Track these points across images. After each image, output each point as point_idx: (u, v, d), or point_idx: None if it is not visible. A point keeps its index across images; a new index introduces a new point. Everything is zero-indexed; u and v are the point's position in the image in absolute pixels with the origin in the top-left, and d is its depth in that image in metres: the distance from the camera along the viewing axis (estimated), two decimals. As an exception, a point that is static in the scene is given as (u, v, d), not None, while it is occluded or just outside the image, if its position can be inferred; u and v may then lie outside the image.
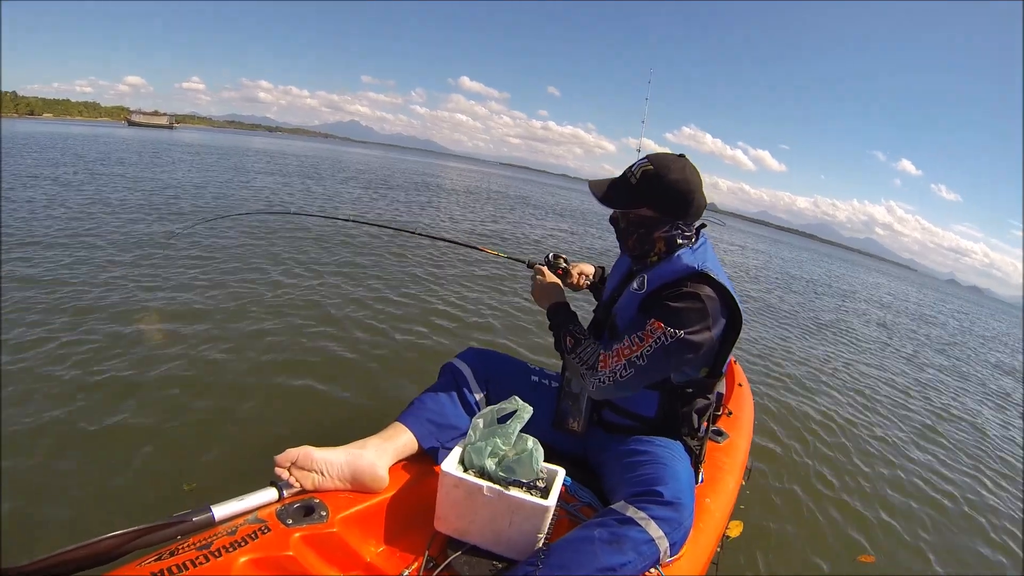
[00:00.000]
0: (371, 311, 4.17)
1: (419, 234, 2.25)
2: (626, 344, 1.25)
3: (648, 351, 1.23)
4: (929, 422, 4.50)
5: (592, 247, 10.47)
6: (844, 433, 3.62)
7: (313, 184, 13.52)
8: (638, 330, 1.25)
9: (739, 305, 1.29)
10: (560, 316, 1.47)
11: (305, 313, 3.87)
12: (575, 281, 1.83)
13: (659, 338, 1.22)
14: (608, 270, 1.82)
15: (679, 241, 1.35)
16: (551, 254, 1.84)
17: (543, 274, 1.62)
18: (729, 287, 1.28)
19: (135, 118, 53.05)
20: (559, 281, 1.60)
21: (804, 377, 4.75)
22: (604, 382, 1.28)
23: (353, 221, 3.91)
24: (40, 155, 12.50)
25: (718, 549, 1.48)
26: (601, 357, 1.29)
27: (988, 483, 3.45)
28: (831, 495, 2.73)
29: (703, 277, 1.28)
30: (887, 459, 3.40)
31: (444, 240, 2.34)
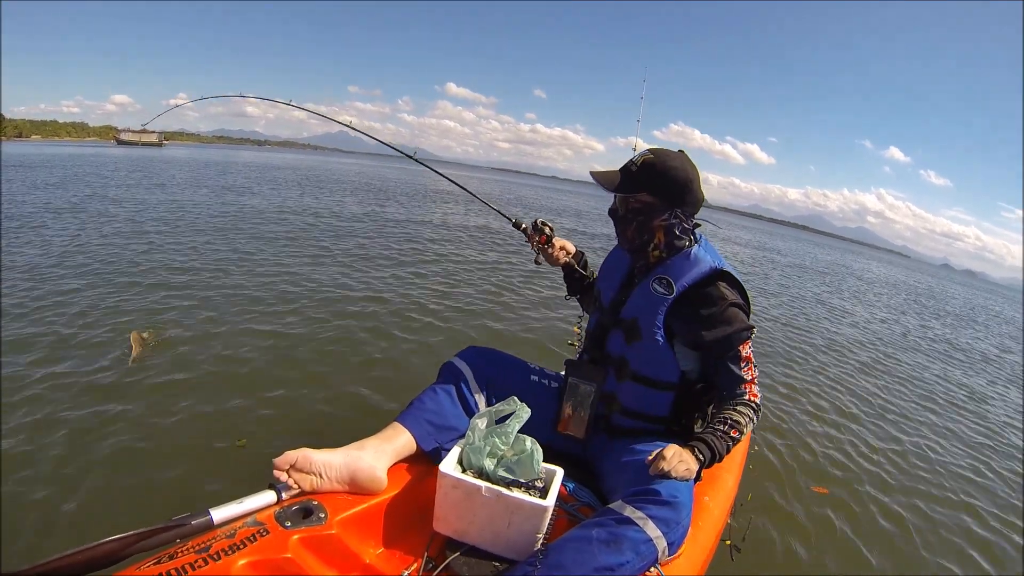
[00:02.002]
0: (369, 311, 4.20)
1: (418, 160, 2.26)
2: (745, 372, 1.35)
3: (754, 361, 1.38)
4: (934, 396, 4.63)
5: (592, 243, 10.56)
6: (845, 425, 3.64)
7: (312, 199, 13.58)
8: (736, 361, 1.36)
9: (750, 301, 1.41)
10: (715, 449, 1.25)
11: (301, 315, 3.88)
12: (555, 253, 1.74)
13: (751, 349, 1.38)
14: (588, 259, 1.83)
15: (677, 232, 1.41)
16: (538, 220, 1.74)
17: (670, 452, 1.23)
18: (743, 286, 1.40)
19: (124, 136, 51.86)
20: (674, 448, 1.21)
21: (803, 365, 4.79)
22: (760, 407, 1.36)
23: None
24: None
25: (727, 525, 1.50)
26: (751, 398, 1.35)
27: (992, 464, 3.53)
28: (834, 484, 2.75)
29: (727, 276, 1.38)
30: (889, 444, 3.43)
31: (443, 176, 2.27)
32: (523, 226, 1.78)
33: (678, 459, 1.18)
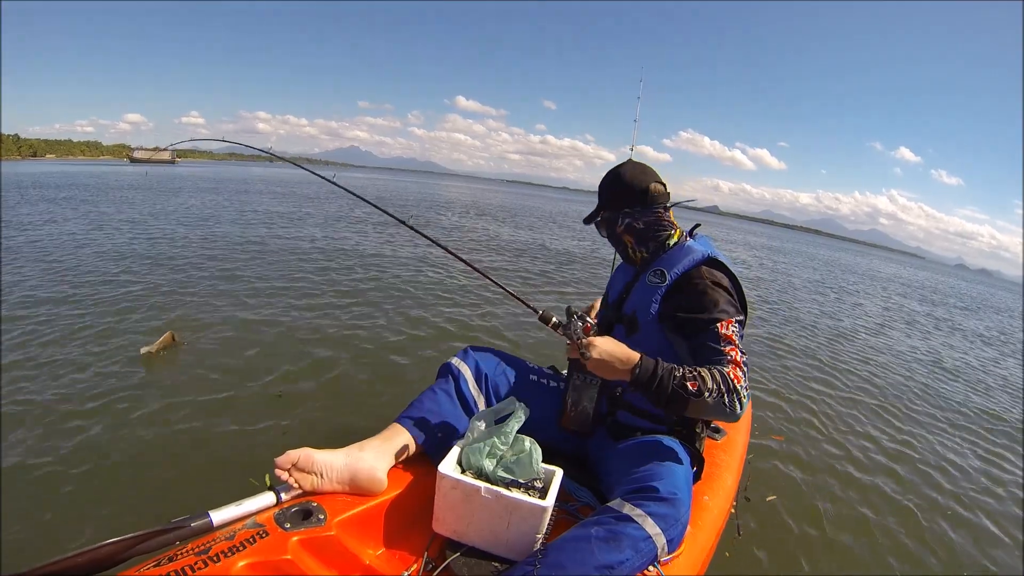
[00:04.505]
0: (371, 311, 4.28)
1: (422, 234, 1.74)
2: (728, 352, 1.22)
3: (739, 345, 1.24)
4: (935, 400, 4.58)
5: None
6: (845, 424, 3.61)
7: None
8: (716, 340, 1.24)
9: (743, 292, 1.38)
10: (656, 370, 1.18)
11: (304, 314, 3.97)
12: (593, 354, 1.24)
13: (733, 330, 1.26)
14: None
15: (639, 227, 1.46)
16: (573, 311, 1.34)
17: (582, 336, 1.28)
18: (736, 275, 1.38)
19: (137, 155, 52.10)
20: (610, 338, 1.26)
21: (805, 365, 4.78)
22: (743, 395, 1.17)
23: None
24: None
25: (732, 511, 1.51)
26: (732, 376, 1.17)
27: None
28: (836, 486, 2.73)
29: (716, 263, 1.38)
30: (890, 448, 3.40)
31: (458, 258, 1.67)
32: (552, 320, 1.36)
33: (609, 351, 1.20)
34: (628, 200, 1.46)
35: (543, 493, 1.19)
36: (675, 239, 1.47)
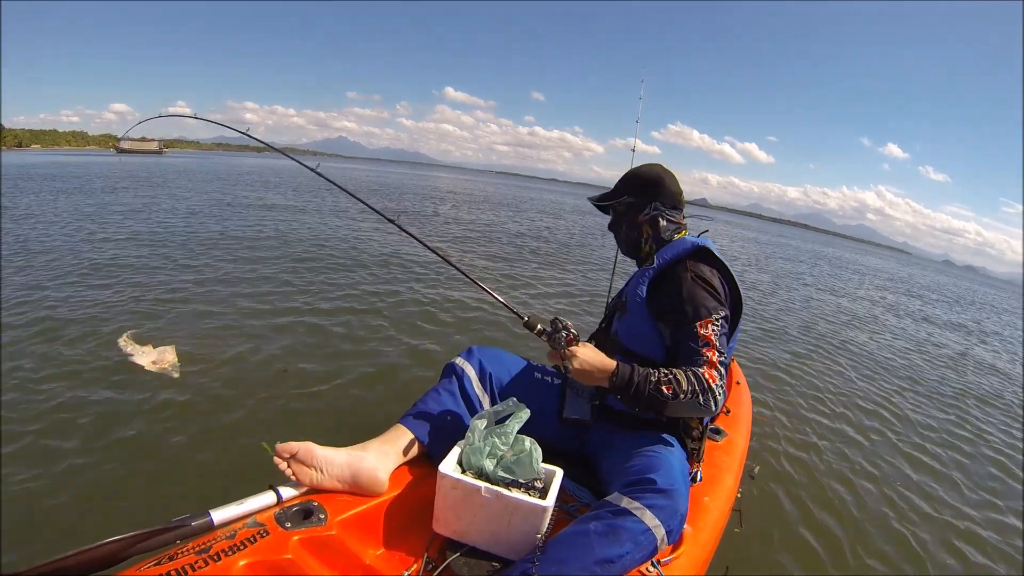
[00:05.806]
0: (373, 312, 4.25)
1: (408, 233, 1.69)
2: (704, 353, 1.25)
3: (718, 345, 1.27)
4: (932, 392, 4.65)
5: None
6: (847, 424, 3.64)
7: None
8: (695, 339, 1.27)
9: (738, 286, 1.40)
10: (632, 376, 1.23)
11: (307, 316, 3.94)
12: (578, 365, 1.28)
13: (713, 329, 1.28)
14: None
15: (662, 223, 1.49)
16: (558, 321, 1.29)
17: (564, 346, 1.28)
18: (729, 268, 1.40)
19: (124, 145, 50.80)
20: (590, 347, 1.29)
21: (804, 363, 4.81)
22: (718, 393, 1.21)
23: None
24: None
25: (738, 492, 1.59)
26: (707, 376, 1.21)
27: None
28: (836, 488, 2.75)
29: (705, 254, 1.41)
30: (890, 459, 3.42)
31: (440, 257, 1.69)
32: (537, 327, 1.35)
33: (588, 360, 1.25)
34: (661, 196, 1.50)
35: (543, 493, 1.19)
36: (679, 236, 1.51)
